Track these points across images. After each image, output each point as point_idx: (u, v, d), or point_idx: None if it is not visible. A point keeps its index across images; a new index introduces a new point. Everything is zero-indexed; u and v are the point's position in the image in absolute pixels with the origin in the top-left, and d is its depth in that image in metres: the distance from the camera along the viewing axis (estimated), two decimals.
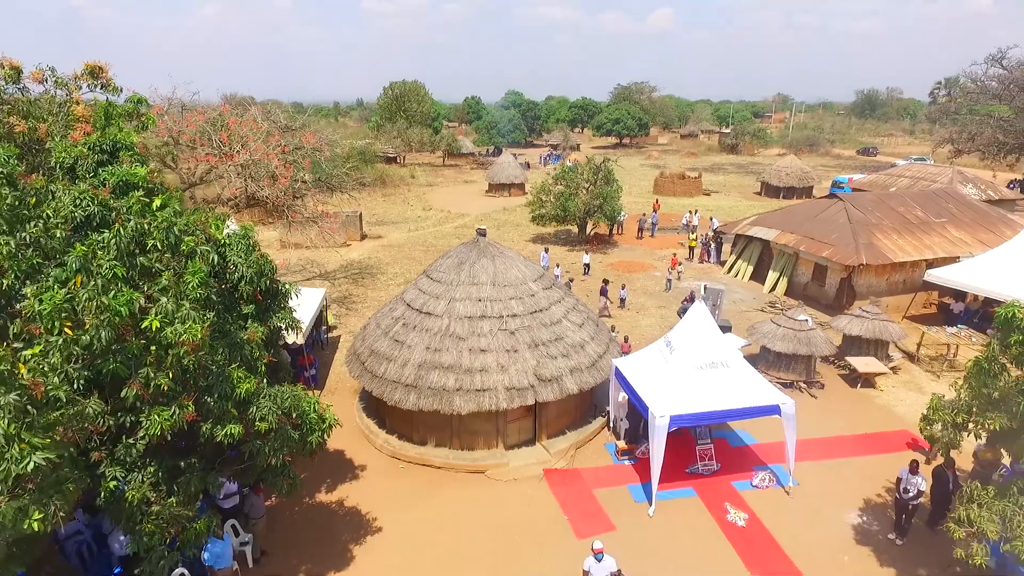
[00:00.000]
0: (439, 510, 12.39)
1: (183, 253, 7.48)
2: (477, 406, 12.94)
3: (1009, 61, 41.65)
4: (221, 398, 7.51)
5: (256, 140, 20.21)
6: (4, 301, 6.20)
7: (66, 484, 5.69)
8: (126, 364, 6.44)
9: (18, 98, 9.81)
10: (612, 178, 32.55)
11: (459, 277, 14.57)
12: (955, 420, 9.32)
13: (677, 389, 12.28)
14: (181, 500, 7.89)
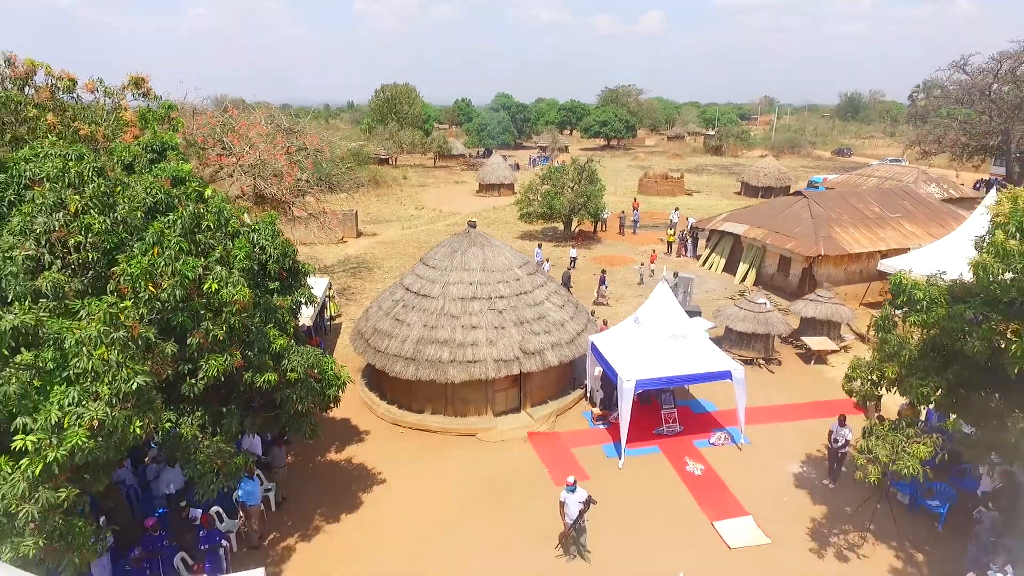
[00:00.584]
0: (436, 467, 14.13)
1: (229, 233, 9.18)
2: (469, 376, 14.70)
3: (971, 67, 44.02)
4: (260, 351, 9.22)
5: (264, 142, 21.85)
6: (102, 267, 7.88)
7: (154, 404, 7.38)
8: (191, 318, 8.15)
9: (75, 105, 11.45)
10: (595, 178, 34.42)
11: (452, 263, 16.33)
12: (870, 376, 11.17)
13: (643, 358, 14.11)
14: (224, 439, 9.61)
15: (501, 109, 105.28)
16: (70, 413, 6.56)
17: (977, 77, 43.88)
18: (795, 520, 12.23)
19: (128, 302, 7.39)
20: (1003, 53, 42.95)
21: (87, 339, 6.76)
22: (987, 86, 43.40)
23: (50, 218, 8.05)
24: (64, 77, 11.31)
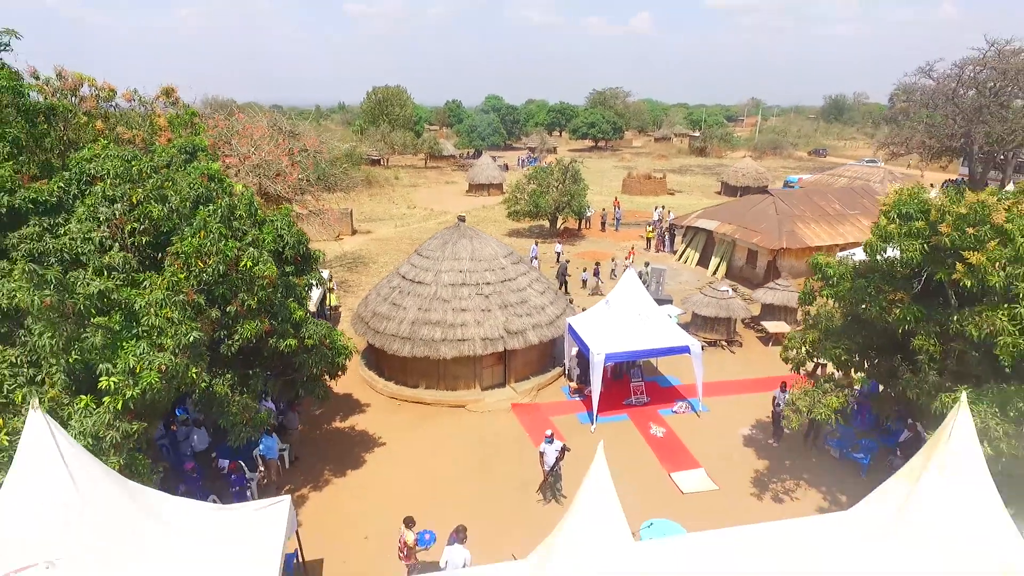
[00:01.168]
0: (430, 433, 15.94)
1: (257, 222, 10.96)
2: (458, 353, 16.51)
3: (936, 73, 46.37)
4: (283, 320, 11.01)
5: (268, 143, 23.56)
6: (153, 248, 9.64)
7: (204, 356, 9.15)
8: (229, 290, 9.92)
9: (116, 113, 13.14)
10: (579, 178, 36.34)
11: (444, 253, 18.15)
12: (801, 345, 13.10)
13: (612, 335, 15.99)
14: (250, 396, 11.37)
15: (491, 111, 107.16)
16: (143, 359, 8.33)
17: (942, 82, 46.25)
18: (741, 472, 14.16)
19: (182, 274, 9.16)
20: (965, 60, 45.36)
21: (154, 302, 8.54)
22: (951, 91, 45.76)
23: (111, 208, 9.81)
24: (105, 88, 13.02)
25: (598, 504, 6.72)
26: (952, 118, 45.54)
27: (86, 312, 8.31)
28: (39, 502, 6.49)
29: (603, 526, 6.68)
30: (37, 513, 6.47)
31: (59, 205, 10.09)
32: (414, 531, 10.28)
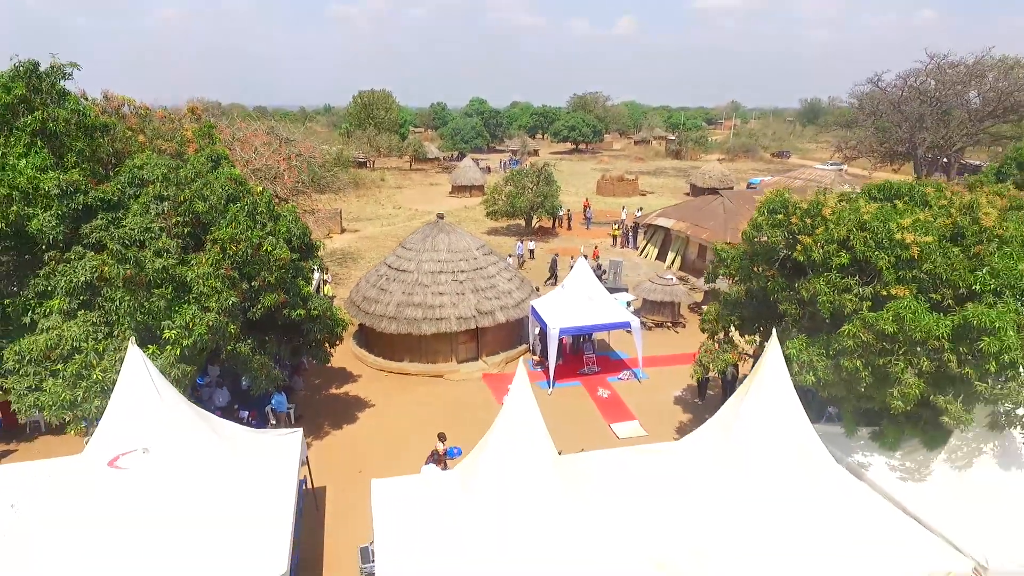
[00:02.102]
0: (413, 397, 18.84)
1: (273, 216, 13.83)
2: (437, 329, 19.45)
3: (883, 82, 50.15)
4: (295, 294, 13.88)
5: (267, 150, 26.33)
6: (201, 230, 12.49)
7: (237, 317, 12.01)
8: (254, 269, 12.78)
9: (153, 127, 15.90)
10: (552, 180, 39.43)
11: (424, 246, 21.08)
12: (712, 317, 16.17)
13: (566, 312, 19.04)
14: (267, 357, 14.22)
15: (474, 115, 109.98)
16: (195, 318, 11.19)
17: (889, 92, 50.07)
18: (668, 423, 17.26)
19: (220, 255, 12.03)
20: (909, 71, 49.24)
21: (202, 275, 11.40)
22: (896, 100, 49.55)
23: (160, 204, 12.65)
24: (142, 107, 15.80)
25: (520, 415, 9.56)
26: (898, 125, 49.35)
27: (154, 282, 11.15)
28: (137, 408, 9.34)
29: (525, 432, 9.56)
30: (136, 415, 9.32)
31: (119, 203, 12.89)
32: (445, 444, 13.40)
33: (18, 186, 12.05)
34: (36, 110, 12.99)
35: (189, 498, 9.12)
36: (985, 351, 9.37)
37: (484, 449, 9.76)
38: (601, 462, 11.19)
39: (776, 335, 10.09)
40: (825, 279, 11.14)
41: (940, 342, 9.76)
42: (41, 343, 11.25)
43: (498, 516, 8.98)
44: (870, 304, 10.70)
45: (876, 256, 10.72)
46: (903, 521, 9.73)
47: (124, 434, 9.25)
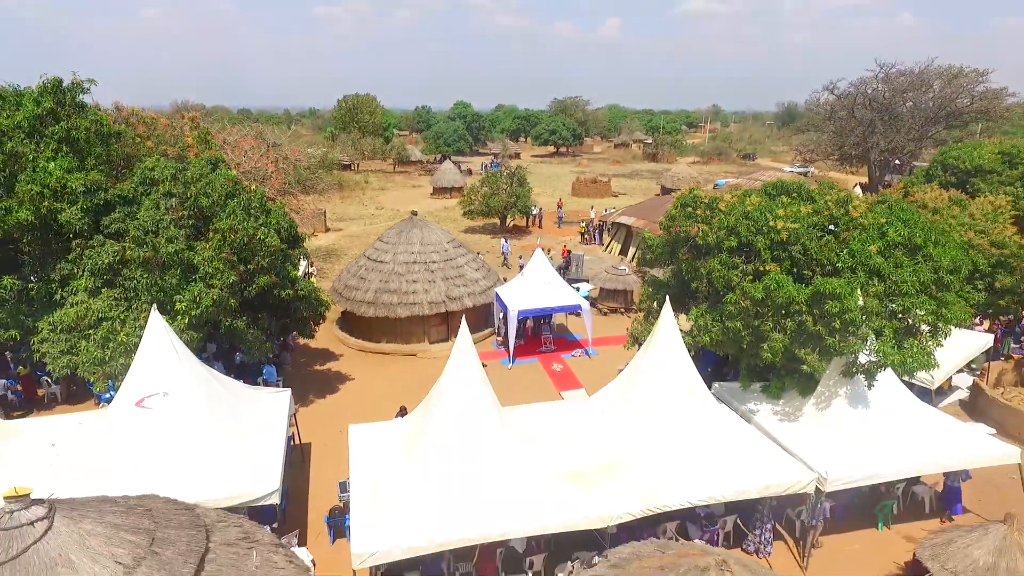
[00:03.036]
0: (389, 373, 21.22)
1: (265, 210, 16.19)
2: (410, 313, 21.85)
3: (839, 90, 53.41)
4: (283, 277, 16.25)
5: (256, 153, 28.59)
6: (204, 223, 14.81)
7: (235, 294, 14.35)
8: (250, 254, 15.13)
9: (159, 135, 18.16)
10: (524, 181, 41.97)
11: (400, 239, 23.49)
12: (645, 299, 18.73)
13: (525, 297, 21.54)
14: (260, 331, 16.55)
15: (457, 118, 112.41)
16: (201, 293, 13.52)
17: (843, 98, 53.31)
18: None
19: (221, 242, 14.38)
20: (860, 79, 52.50)
21: (207, 258, 13.75)
22: (850, 106, 52.79)
23: (168, 200, 14.97)
24: (149, 116, 18.09)
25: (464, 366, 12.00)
26: (852, 130, 52.58)
27: (167, 264, 13.48)
28: (158, 359, 11.67)
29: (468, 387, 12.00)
30: (157, 366, 11.65)
31: (133, 199, 15.20)
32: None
33: (48, 184, 14.34)
34: (61, 120, 15.28)
35: (201, 432, 11.46)
36: (829, 312, 11.99)
37: (438, 394, 12.20)
38: (535, 411, 13.72)
39: (668, 303, 12.66)
40: (718, 259, 13.75)
41: (799, 306, 12.37)
42: (71, 314, 13.54)
43: (448, 448, 11.40)
44: (751, 278, 13.31)
45: (756, 239, 13.35)
46: (770, 446, 12.35)
47: (148, 381, 11.58)
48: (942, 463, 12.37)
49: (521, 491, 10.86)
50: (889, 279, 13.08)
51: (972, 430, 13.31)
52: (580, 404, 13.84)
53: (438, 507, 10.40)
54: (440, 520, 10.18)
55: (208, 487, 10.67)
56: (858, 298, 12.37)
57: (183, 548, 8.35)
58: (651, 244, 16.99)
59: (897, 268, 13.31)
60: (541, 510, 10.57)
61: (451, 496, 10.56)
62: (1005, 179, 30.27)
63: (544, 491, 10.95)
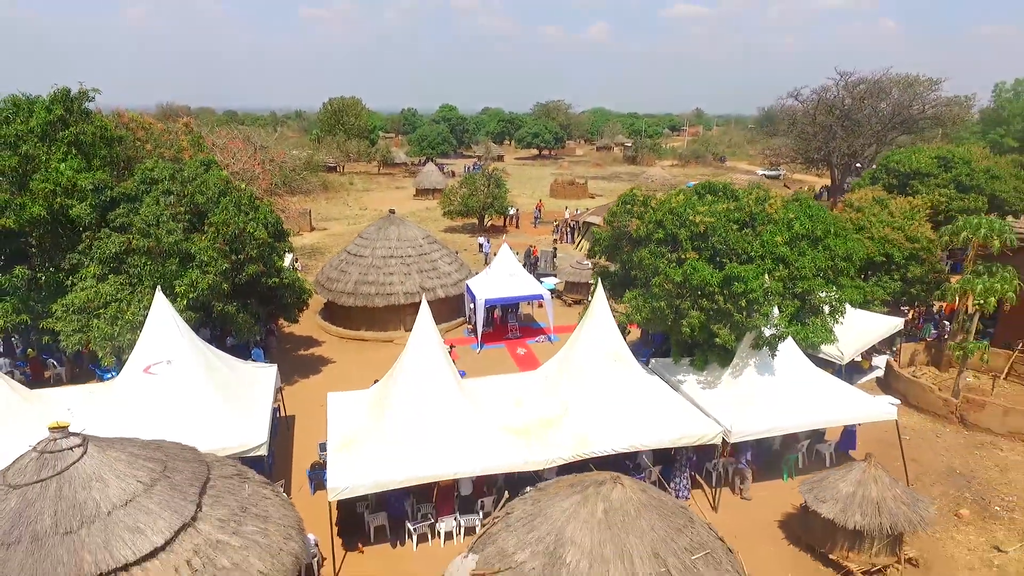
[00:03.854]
0: (367, 357, 23.17)
1: (254, 207, 18.13)
2: (387, 303, 23.84)
3: (802, 96, 56.12)
4: (270, 266, 18.20)
5: (244, 155, 30.43)
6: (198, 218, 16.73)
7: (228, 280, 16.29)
8: (240, 245, 17.07)
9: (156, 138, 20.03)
10: (501, 183, 44.08)
11: (378, 235, 25.48)
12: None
13: (492, 287, 23.63)
14: (248, 315, 18.47)
15: (442, 121, 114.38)
16: (198, 278, 15.46)
17: (806, 105, 56.05)
18: None
19: (215, 234, 16.32)
20: (823, 87, 55.24)
21: (203, 248, 15.69)
22: (813, 112, 55.52)
23: (167, 198, 16.88)
24: (147, 122, 19.95)
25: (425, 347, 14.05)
26: (814, 135, 55.30)
27: (167, 252, 15.41)
28: (163, 333, 13.59)
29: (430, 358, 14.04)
30: (162, 338, 13.57)
31: (135, 196, 17.08)
32: None
33: (60, 183, 16.20)
34: (70, 126, 17.13)
35: (200, 394, 13.40)
36: (735, 292, 14.19)
37: (402, 363, 14.25)
38: (490, 382, 15.79)
39: (600, 286, 14.81)
40: (648, 249, 15.93)
41: (713, 288, 14.55)
42: (82, 297, 15.41)
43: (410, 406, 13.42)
44: (675, 265, 15.49)
45: (679, 232, 15.54)
46: (687, 406, 14.55)
47: (154, 351, 13.51)
48: (830, 419, 14.65)
49: (471, 441, 12.93)
50: (792, 265, 15.34)
51: (856, 393, 15.55)
52: (527, 374, 15.97)
53: (399, 453, 12.45)
54: (401, 463, 12.23)
55: (206, 439, 12.56)
56: (764, 281, 14.60)
57: (189, 475, 10.42)
58: (598, 237, 19.16)
59: (801, 256, 15.58)
60: (487, 456, 12.66)
61: (410, 445, 12.61)
62: (940, 181, 32.92)
63: (491, 442, 13.03)
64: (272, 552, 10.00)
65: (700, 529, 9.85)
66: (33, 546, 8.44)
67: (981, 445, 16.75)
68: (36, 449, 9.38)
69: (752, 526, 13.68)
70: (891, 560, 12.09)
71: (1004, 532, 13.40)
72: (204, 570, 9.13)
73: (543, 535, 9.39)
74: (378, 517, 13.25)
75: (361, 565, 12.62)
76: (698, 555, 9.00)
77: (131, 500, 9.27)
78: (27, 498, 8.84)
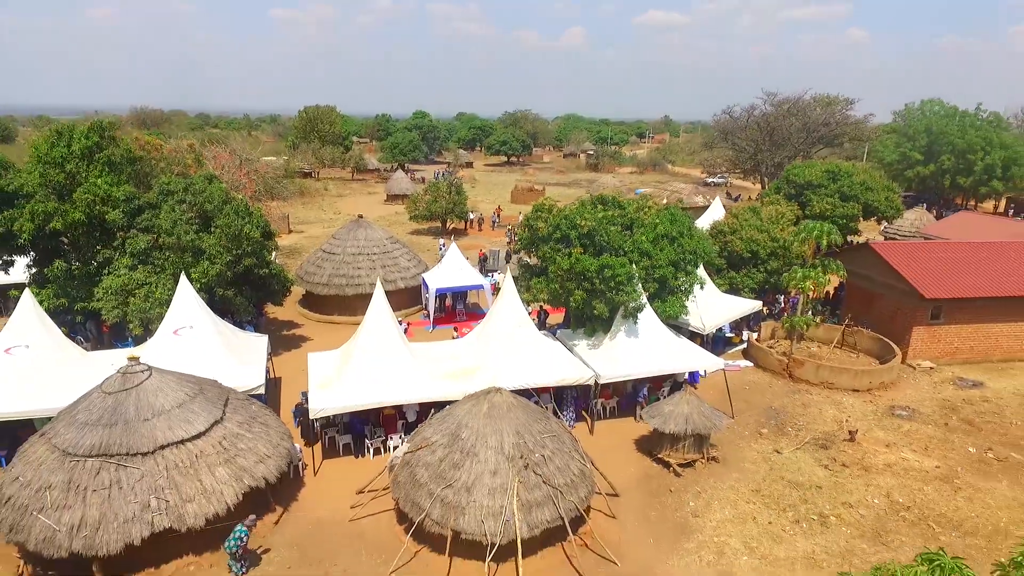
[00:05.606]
0: (339, 335, 28.02)
1: (249, 212, 23.15)
2: (356, 292, 28.93)
3: (734, 113, 62.70)
4: (261, 259, 23.24)
5: (231, 166, 35.23)
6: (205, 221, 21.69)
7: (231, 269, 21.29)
8: (239, 243, 22.08)
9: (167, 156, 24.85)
10: (461, 191, 49.40)
11: (348, 236, 30.60)
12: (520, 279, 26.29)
13: (442, 279, 28.93)
14: (244, 299, 23.46)
15: (414, 129, 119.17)
16: (208, 267, 20.46)
17: (738, 120, 62.61)
18: None
19: (220, 234, 21.34)
20: (752, 105, 61.87)
21: (211, 244, 20.71)
22: (744, 126, 62.11)
23: (180, 206, 21.85)
24: (157, 143, 24.79)
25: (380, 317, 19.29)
26: (744, 148, 61.88)
27: (185, 248, 20.40)
28: (186, 306, 18.60)
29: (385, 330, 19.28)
30: (186, 310, 18.58)
31: (156, 205, 22.00)
32: None
33: (98, 194, 21.05)
34: (104, 149, 21.98)
35: (214, 349, 18.42)
36: (607, 276, 19.68)
37: (364, 326, 19.47)
38: (432, 345, 21.06)
39: (509, 273, 20.19)
40: (548, 245, 21.38)
41: (591, 274, 20.01)
42: (119, 282, 20.30)
43: (367, 359, 18.59)
44: (566, 256, 20.94)
45: (570, 232, 21.03)
46: (572, 358, 20.01)
47: (180, 319, 18.50)
48: (673, 367, 20.27)
49: (414, 381, 18.20)
50: (653, 257, 20.95)
51: (697, 351, 21.20)
52: (458, 340, 21.28)
53: (359, 388, 17.66)
54: (359, 394, 17.44)
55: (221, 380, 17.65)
56: (630, 269, 20.15)
57: (216, 394, 15.59)
58: (519, 237, 24.55)
59: (660, 251, 21.20)
60: (424, 391, 17.94)
61: (367, 382, 17.83)
62: (828, 191, 39.08)
63: (428, 382, 18.32)
64: (272, 444, 15.22)
65: (553, 424, 15.31)
66: (125, 427, 13.51)
67: (798, 391, 22.57)
68: (119, 371, 14.46)
69: (616, 443, 19.18)
70: (699, 456, 17.67)
71: (787, 442, 19.13)
72: (229, 449, 14.30)
73: (450, 425, 14.75)
74: (345, 438, 18.44)
75: (333, 468, 17.77)
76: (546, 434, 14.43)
77: (181, 404, 14.39)
78: (118, 399, 13.91)
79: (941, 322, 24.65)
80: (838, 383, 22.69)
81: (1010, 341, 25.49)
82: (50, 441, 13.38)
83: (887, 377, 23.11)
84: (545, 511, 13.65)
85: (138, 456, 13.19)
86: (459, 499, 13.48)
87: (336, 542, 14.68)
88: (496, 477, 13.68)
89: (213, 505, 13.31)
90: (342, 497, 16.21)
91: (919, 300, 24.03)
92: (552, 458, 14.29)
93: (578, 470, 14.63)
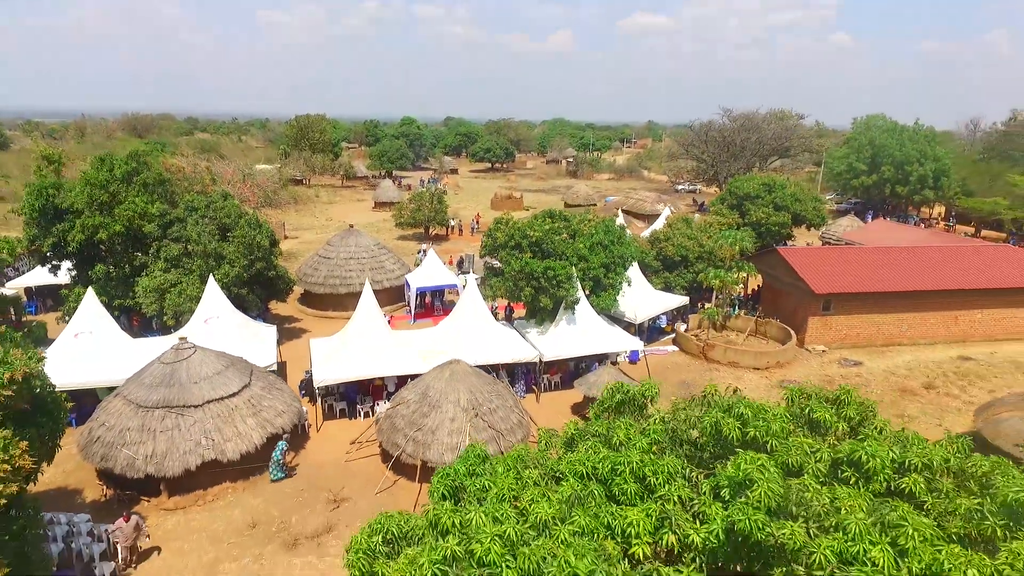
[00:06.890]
0: (333, 327, 32.86)
1: (260, 224, 27.97)
2: (348, 291, 33.77)
3: (695, 126, 68.14)
4: (269, 264, 28.08)
5: (236, 181, 39.95)
6: (223, 232, 26.49)
7: (247, 271, 26.12)
8: (251, 250, 26.89)
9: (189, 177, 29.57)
10: (443, 199, 54.35)
11: (341, 243, 35.48)
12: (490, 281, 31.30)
13: (421, 279, 33.89)
14: (255, 296, 28.28)
15: (401, 136, 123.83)
16: (229, 270, 25.30)
17: (699, 133, 68.08)
18: None
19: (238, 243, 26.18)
20: (711, 119, 67.36)
21: (231, 251, 25.56)
22: (704, 139, 67.57)
23: (203, 220, 26.69)
24: (178, 166, 29.54)
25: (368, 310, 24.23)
26: (703, 159, 67.34)
27: (211, 253, 25.23)
28: (214, 300, 23.44)
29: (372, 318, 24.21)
30: (214, 304, 23.42)
31: (183, 219, 26.79)
32: None
33: (136, 210, 25.81)
34: (140, 173, 26.75)
35: (236, 334, 23.26)
36: (550, 276, 24.70)
37: (355, 316, 24.40)
38: (411, 332, 25.99)
39: (472, 274, 25.22)
40: (506, 252, 26.42)
41: (538, 274, 25.02)
42: (155, 283, 25.07)
43: (358, 341, 23.48)
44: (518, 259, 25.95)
45: (521, 241, 26.06)
46: (523, 342, 25.03)
47: (209, 311, 23.33)
48: (602, 349, 25.34)
49: (394, 358, 23.13)
50: (589, 261, 26.05)
51: (621, 335, 26.30)
52: (432, 328, 26.23)
53: (353, 363, 22.56)
54: (353, 369, 22.34)
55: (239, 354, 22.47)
56: (570, 270, 25.21)
57: (243, 367, 20.48)
58: (484, 243, 29.58)
59: (595, 256, 26.30)
60: (403, 366, 22.89)
61: (359, 359, 22.73)
62: (764, 202, 44.39)
63: (405, 358, 23.26)
64: (287, 404, 20.14)
65: (500, 387, 20.34)
66: (178, 387, 18.39)
67: (709, 369, 27.74)
68: (173, 348, 19.32)
69: (557, 408, 24.21)
70: None
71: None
72: (256, 405, 19.20)
73: (420, 387, 19.74)
74: (341, 403, 23.35)
75: (331, 426, 22.66)
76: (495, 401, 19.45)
77: (219, 372, 19.27)
78: (173, 368, 18.79)
79: (831, 313, 29.97)
80: (742, 362, 27.91)
81: (891, 328, 30.85)
82: (126, 398, 18.20)
83: (783, 358, 28.37)
84: (490, 448, 18.60)
85: (190, 407, 18.05)
86: (426, 438, 18.44)
87: (335, 476, 19.60)
88: (454, 423, 18.64)
89: (245, 444, 18.20)
90: (339, 447, 21.12)
91: (812, 295, 29.31)
92: (496, 411, 19.29)
93: (516, 420, 19.65)
